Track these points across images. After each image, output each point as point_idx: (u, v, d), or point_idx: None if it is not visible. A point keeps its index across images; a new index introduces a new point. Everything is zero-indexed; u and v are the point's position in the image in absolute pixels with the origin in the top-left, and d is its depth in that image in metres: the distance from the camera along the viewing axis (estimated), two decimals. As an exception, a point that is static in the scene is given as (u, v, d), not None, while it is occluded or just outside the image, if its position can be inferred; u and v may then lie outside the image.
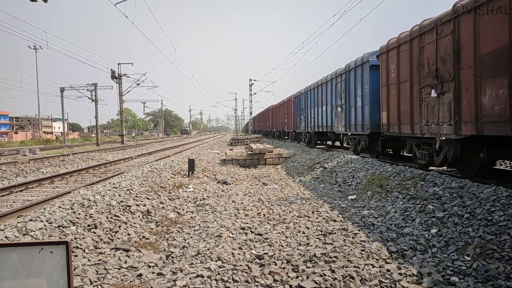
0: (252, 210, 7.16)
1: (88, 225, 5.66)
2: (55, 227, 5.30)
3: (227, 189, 10.28)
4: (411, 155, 10.19)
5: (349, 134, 14.66)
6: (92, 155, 23.83)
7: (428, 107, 8.35)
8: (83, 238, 5.23)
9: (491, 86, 6.36)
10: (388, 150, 12.44)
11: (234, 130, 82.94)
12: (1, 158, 21.86)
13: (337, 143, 20.62)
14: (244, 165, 15.90)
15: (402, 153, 12.30)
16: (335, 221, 5.98)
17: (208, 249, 4.87)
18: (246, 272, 4.01)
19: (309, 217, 6.36)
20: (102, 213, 6.22)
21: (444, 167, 9.20)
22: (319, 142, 21.42)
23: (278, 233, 5.49)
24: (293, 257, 4.28)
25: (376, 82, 11.31)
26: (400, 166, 9.46)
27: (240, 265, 4.20)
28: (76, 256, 4.71)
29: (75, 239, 5.14)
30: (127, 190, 8.10)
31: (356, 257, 4.19)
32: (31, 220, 5.47)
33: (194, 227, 6.26)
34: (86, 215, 5.92)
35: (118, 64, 39.68)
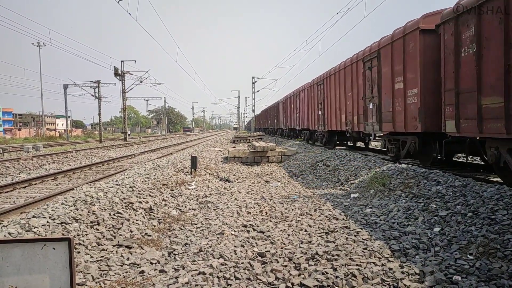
0: (254, 207, 7.16)
1: (91, 222, 5.68)
2: (58, 223, 5.32)
3: (229, 186, 10.28)
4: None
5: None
6: (95, 152, 23.90)
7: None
8: (86, 234, 5.24)
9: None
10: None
11: (237, 128, 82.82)
12: (4, 154, 21.95)
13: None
14: (247, 163, 15.91)
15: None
16: (337, 219, 5.97)
17: (210, 247, 4.88)
18: (248, 270, 4.01)
19: (311, 215, 6.35)
20: (105, 210, 6.24)
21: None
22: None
23: (280, 231, 5.49)
24: (295, 255, 4.27)
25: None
26: (403, 164, 9.45)
27: (242, 263, 4.20)
28: (78, 252, 4.72)
29: (78, 235, 5.16)
30: (130, 187, 8.12)
31: (358, 255, 4.18)
32: (34, 216, 5.49)
33: (196, 224, 6.27)
34: (89, 212, 5.94)
35: (121, 61, 39.84)
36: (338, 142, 17.73)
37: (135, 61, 42.46)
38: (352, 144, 18.14)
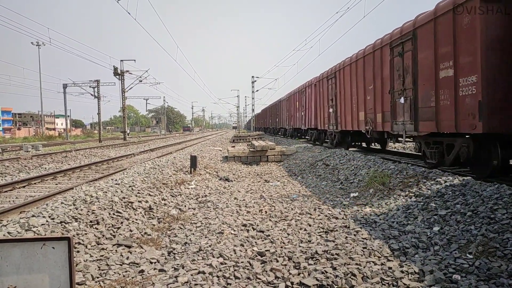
0: (254, 207, 7.16)
1: (90, 221, 5.68)
2: (57, 223, 5.32)
3: (229, 186, 10.28)
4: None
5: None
6: (95, 151, 23.89)
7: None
8: (85, 234, 5.24)
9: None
10: None
11: (237, 127, 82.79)
12: (4, 154, 21.94)
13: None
14: (246, 162, 15.91)
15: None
16: (337, 218, 5.97)
17: (209, 246, 4.88)
18: (248, 269, 4.01)
19: (311, 214, 6.36)
20: (105, 209, 6.24)
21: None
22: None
23: (280, 230, 5.49)
24: (295, 254, 4.27)
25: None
26: (403, 163, 9.44)
27: (242, 262, 4.20)
28: (78, 252, 4.72)
29: (77, 235, 5.15)
30: (129, 186, 8.11)
31: (357, 254, 4.18)
32: (33, 216, 5.49)
33: (196, 223, 6.27)
34: (88, 211, 5.93)
35: (121, 60, 39.83)
36: (352, 144, 15.69)
37: (135, 60, 42.50)
38: (365, 146, 16.04)
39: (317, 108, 18.88)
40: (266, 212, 6.72)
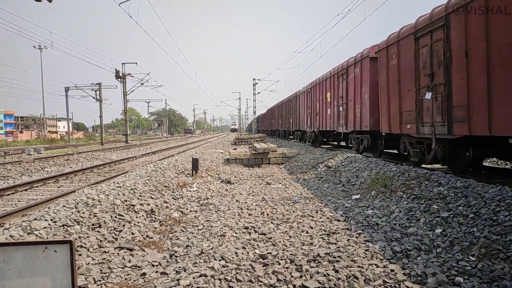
0: (255, 209, 7.16)
1: (92, 224, 5.68)
2: (59, 226, 5.32)
3: (230, 188, 10.28)
4: None
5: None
6: (97, 154, 23.93)
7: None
8: (87, 237, 5.25)
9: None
10: None
11: (238, 129, 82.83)
12: (6, 157, 22.00)
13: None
14: (248, 165, 15.90)
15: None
16: (338, 220, 5.96)
17: (211, 249, 4.88)
18: (250, 272, 4.01)
19: (312, 216, 6.35)
20: (106, 212, 6.24)
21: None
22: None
23: (282, 232, 5.48)
24: (297, 257, 4.27)
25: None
26: (405, 165, 9.42)
27: (244, 265, 4.20)
28: (80, 255, 4.73)
29: (79, 238, 5.16)
30: (131, 189, 8.12)
31: (360, 257, 4.17)
32: (35, 219, 5.50)
33: (197, 226, 6.27)
34: (90, 214, 5.94)
35: (122, 63, 39.92)
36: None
37: (136, 63, 42.80)
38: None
39: (377, 98, 11.44)
40: (268, 214, 6.71)
